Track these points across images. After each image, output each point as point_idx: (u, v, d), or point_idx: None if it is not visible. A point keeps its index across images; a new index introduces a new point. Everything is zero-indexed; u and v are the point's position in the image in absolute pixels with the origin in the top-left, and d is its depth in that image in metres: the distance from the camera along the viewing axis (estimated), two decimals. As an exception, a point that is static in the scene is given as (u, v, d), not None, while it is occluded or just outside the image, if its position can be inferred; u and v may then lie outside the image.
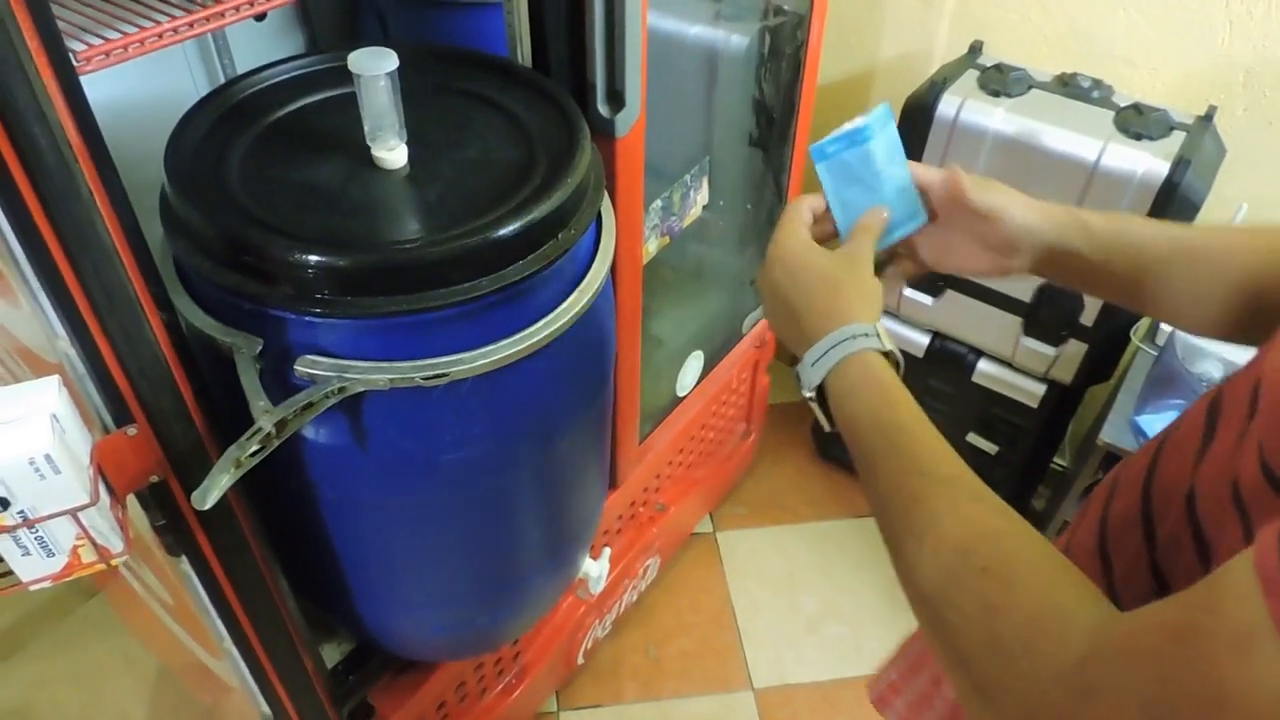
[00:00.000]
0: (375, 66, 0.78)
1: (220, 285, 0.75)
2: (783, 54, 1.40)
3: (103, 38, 0.64)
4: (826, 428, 0.58)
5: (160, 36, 0.66)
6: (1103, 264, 0.64)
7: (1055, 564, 0.43)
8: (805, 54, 1.37)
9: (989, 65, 1.46)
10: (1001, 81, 1.41)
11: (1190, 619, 0.35)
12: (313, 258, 0.72)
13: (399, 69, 0.79)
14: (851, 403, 0.55)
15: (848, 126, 0.66)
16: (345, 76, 0.80)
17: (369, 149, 0.84)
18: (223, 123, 0.87)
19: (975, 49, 1.52)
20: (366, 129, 0.83)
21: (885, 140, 0.66)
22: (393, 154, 0.84)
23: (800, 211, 0.65)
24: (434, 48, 1.03)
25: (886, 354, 0.56)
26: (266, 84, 0.93)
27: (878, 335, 0.56)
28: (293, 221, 0.78)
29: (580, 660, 1.58)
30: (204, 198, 0.78)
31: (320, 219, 0.79)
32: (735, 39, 1.36)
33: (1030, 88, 1.42)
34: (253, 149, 0.85)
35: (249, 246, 0.74)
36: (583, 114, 0.92)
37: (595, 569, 1.35)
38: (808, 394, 0.57)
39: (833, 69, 1.72)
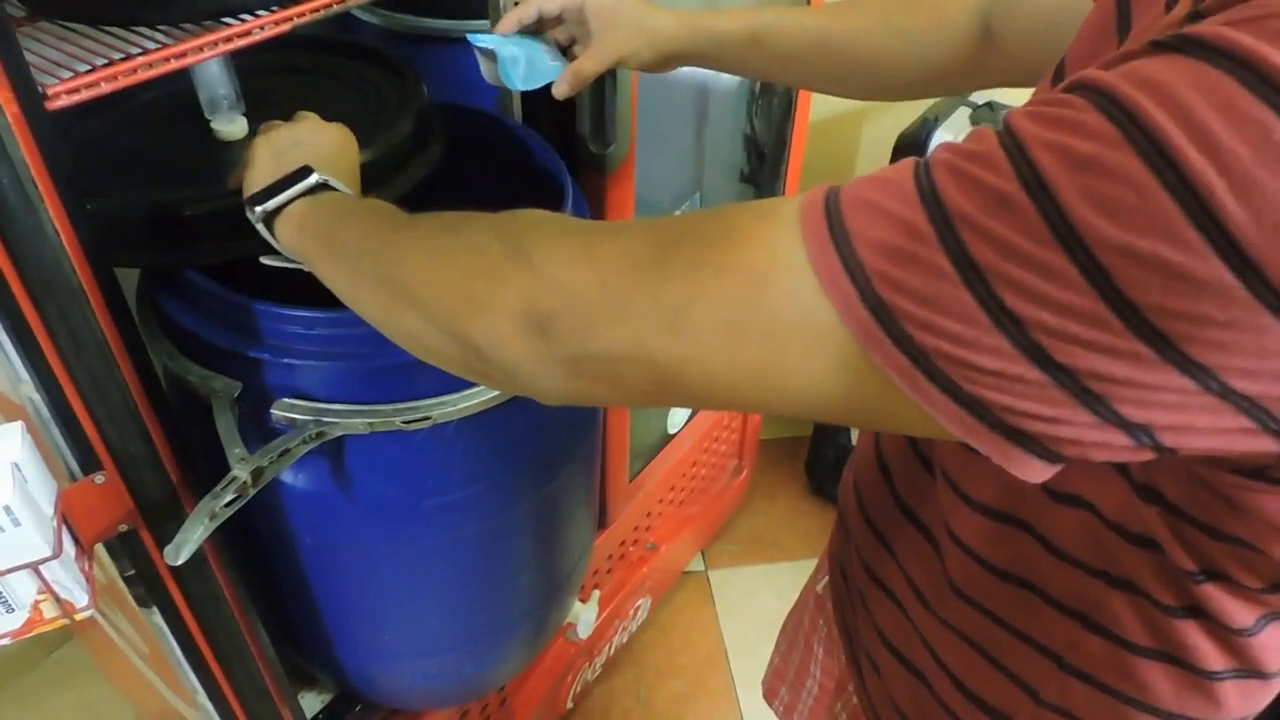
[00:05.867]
0: None
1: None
2: (774, 90, 1.39)
3: (74, 71, 0.62)
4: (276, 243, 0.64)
5: (135, 71, 0.64)
6: (746, 58, 0.78)
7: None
8: (797, 90, 1.36)
9: (980, 103, 1.46)
10: (993, 120, 1.41)
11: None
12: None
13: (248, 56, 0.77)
14: (345, 204, 0.61)
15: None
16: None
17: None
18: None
19: (966, 85, 1.51)
20: (203, 103, 0.81)
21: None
22: (233, 126, 0.82)
23: None
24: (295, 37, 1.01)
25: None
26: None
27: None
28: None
29: (569, 704, 1.53)
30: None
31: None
32: (726, 75, 1.35)
33: (1022, 124, 1.42)
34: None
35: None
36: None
37: (585, 612, 1.32)
38: (312, 182, 0.63)
39: (824, 105, 1.71)
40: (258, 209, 0.63)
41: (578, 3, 0.77)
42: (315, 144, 0.69)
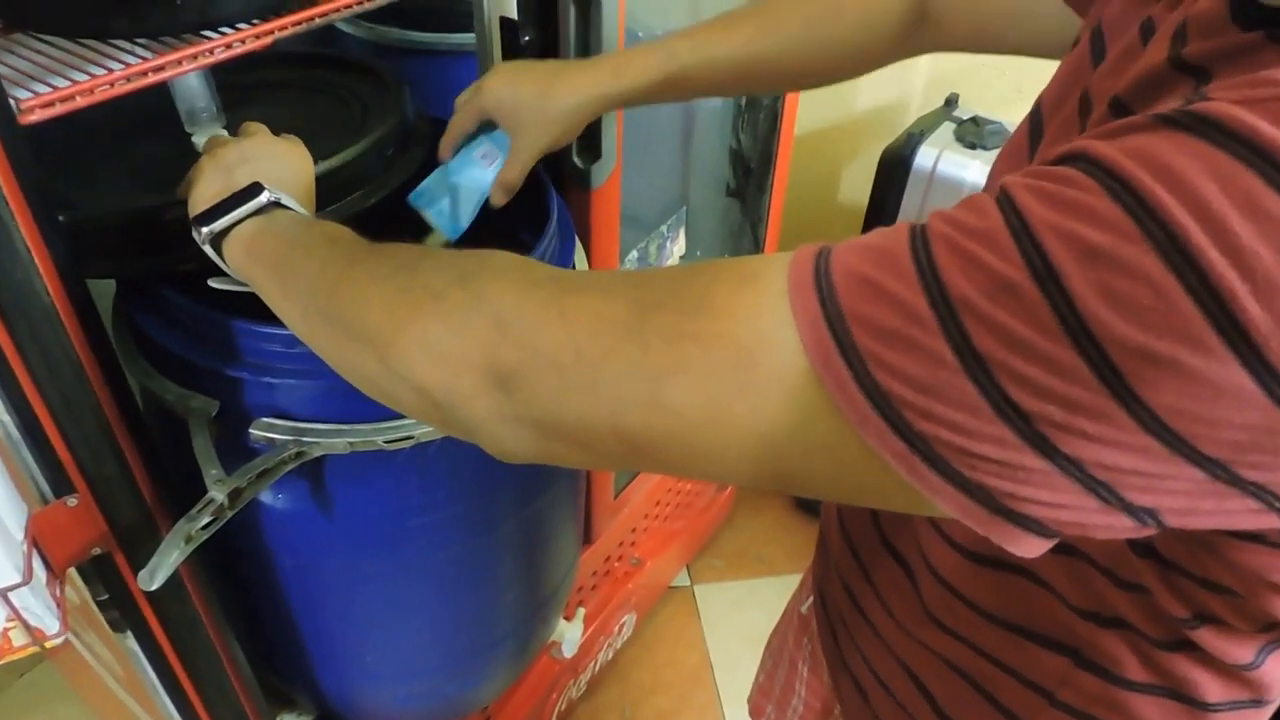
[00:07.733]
0: None
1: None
2: (760, 104, 1.39)
3: (50, 85, 0.60)
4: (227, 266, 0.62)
5: (113, 85, 0.63)
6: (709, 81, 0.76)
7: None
8: (783, 105, 1.36)
9: (965, 118, 1.46)
10: (978, 134, 1.41)
11: (716, 262, 0.39)
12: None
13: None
14: (298, 228, 0.58)
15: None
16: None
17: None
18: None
19: (951, 102, 1.52)
20: (182, 115, 0.79)
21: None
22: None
23: None
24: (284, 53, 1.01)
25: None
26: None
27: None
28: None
29: (554, 723, 1.52)
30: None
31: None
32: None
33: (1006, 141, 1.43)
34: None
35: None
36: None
37: (570, 630, 1.31)
38: (262, 200, 0.60)
39: (810, 120, 1.72)
40: (204, 230, 0.60)
41: (486, 114, 0.79)
42: (265, 159, 0.65)
